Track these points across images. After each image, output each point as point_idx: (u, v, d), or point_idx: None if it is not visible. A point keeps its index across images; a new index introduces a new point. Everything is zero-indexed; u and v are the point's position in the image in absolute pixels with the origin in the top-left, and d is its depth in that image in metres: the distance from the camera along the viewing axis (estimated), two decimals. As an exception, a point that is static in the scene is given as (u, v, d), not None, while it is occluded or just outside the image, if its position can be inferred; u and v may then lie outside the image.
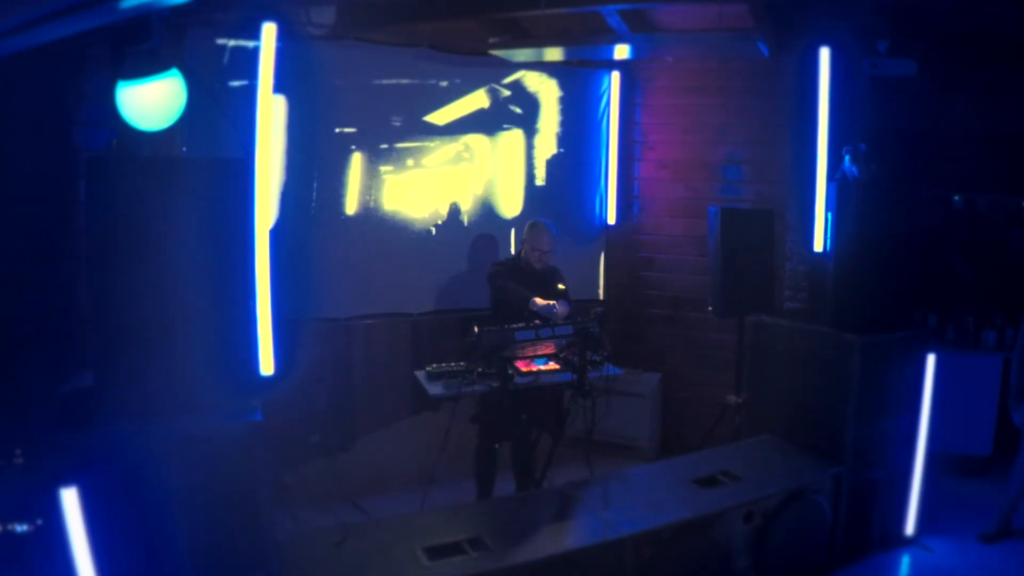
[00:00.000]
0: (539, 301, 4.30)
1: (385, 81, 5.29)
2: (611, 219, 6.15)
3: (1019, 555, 4.42)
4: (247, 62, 4.43)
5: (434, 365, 4.23)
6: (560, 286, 4.56)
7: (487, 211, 5.73)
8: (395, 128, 5.35)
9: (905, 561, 4.39)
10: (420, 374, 4.30)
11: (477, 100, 5.63)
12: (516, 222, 5.78)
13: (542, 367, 4.21)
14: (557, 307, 4.28)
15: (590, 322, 3.98)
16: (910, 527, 4.51)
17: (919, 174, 5.61)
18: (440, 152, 5.53)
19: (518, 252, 4.74)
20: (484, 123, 5.67)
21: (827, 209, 4.40)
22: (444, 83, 5.50)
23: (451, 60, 5.47)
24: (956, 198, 6.44)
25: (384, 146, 5.33)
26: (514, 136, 5.81)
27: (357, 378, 5.62)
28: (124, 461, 2.69)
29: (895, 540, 4.48)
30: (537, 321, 4.09)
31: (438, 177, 5.53)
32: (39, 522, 3.04)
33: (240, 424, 2.88)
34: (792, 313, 5.01)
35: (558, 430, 4.30)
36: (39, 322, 3.67)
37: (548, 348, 4.10)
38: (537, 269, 4.58)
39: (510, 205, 5.81)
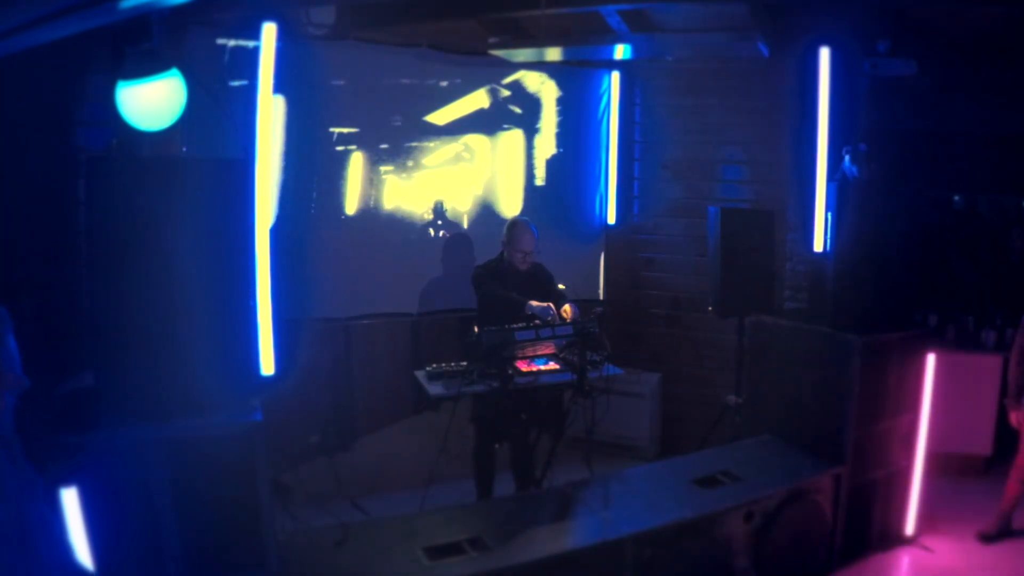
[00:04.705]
0: (535, 304, 4.23)
1: (385, 81, 5.30)
2: (611, 219, 6.15)
3: (1019, 555, 4.41)
4: (247, 62, 4.43)
5: (434, 365, 4.22)
6: (560, 286, 4.53)
7: (487, 211, 5.73)
8: (395, 128, 5.35)
9: (905, 561, 4.39)
10: (420, 374, 4.29)
11: (477, 100, 5.63)
12: (516, 222, 5.78)
13: (542, 367, 4.20)
14: (552, 309, 4.23)
15: (590, 322, 3.97)
16: (910, 527, 4.51)
17: (919, 174, 5.62)
18: (440, 152, 5.53)
19: (500, 253, 4.58)
20: (484, 123, 5.67)
21: (827, 209, 4.40)
22: (444, 83, 5.50)
23: (451, 60, 5.47)
24: (956, 198, 6.45)
25: (384, 146, 5.33)
26: (514, 136, 5.81)
27: (357, 378, 5.62)
28: (124, 461, 2.69)
29: (895, 540, 4.48)
30: (537, 321, 4.09)
31: (438, 177, 5.53)
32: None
33: (240, 424, 2.87)
34: (792, 313, 5.01)
35: (558, 430, 4.30)
36: (39, 322, 3.66)
37: (548, 348, 4.10)
38: (522, 270, 4.47)
39: (510, 205, 5.81)
